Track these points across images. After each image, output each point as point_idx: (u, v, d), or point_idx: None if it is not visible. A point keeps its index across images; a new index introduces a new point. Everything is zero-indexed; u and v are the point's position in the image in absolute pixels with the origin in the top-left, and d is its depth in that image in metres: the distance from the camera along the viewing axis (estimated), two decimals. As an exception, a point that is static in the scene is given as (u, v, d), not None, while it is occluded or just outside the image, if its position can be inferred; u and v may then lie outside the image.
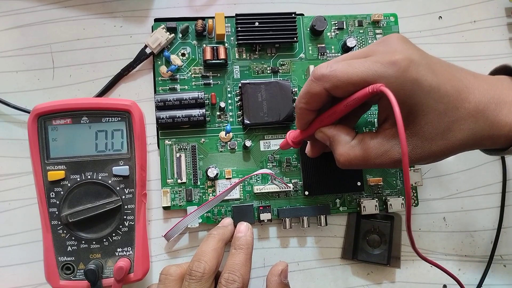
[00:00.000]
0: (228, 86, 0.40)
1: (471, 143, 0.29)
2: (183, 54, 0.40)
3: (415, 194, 0.41)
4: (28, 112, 0.38)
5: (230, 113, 0.40)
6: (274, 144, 0.40)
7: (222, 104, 0.39)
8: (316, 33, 0.41)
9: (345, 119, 0.33)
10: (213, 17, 0.40)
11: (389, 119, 0.30)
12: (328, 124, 0.31)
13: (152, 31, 0.39)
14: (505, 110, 0.29)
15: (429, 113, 0.28)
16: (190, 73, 0.40)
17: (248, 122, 0.39)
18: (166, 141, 0.39)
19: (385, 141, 0.29)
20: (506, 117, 0.29)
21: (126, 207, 0.36)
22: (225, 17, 0.40)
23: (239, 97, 0.40)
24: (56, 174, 0.35)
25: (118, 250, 0.36)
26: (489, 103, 0.29)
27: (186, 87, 0.40)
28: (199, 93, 0.38)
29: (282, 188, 0.39)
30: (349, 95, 0.29)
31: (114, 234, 0.36)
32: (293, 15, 0.40)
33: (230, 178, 0.39)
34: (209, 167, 0.38)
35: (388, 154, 0.29)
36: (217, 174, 0.38)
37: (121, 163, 0.36)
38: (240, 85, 0.39)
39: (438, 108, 0.28)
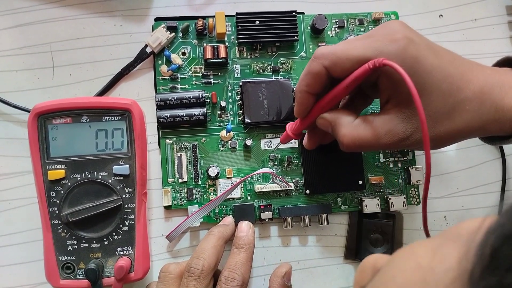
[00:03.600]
0: (229, 85, 0.40)
1: (477, 127, 0.29)
2: (183, 53, 0.40)
3: (416, 193, 0.41)
4: (28, 111, 0.38)
5: (231, 112, 0.40)
6: (274, 143, 0.40)
7: (223, 103, 0.39)
8: (316, 32, 0.41)
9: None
10: (214, 16, 0.40)
11: (392, 99, 0.29)
12: (328, 109, 0.31)
13: (153, 30, 0.39)
14: (511, 94, 0.29)
15: (432, 93, 0.27)
16: (191, 72, 0.40)
17: (249, 121, 0.39)
18: (167, 140, 0.39)
19: (389, 120, 0.29)
20: (511, 101, 0.28)
21: (126, 206, 0.36)
22: (226, 16, 0.40)
23: (239, 96, 0.40)
24: (56, 173, 0.35)
25: (119, 249, 0.35)
26: (494, 86, 0.28)
27: (186, 86, 0.40)
28: (199, 92, 0.38)
29: (283, 187, 0.39)
30: (349, 74, 0.28)
31: (114, 234, 0.35)
32: (294, 13, 0.40)
33: (231, 177, 0.39)
34: (210, 166, 0.38)
35: (393, 132, 0.29)
36: (218, 173, 0.38)
37: (122, 162, 0.36)
38: (240, 84, 0.39)
39: (441, 88, 0.27)
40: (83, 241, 0.35)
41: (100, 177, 0.35)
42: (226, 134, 0.39)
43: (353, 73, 0.28)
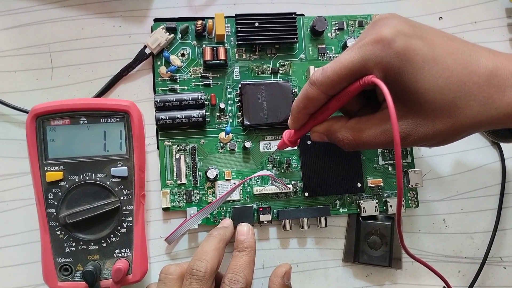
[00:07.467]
0: (228, 86, 0.40)
1: (486, 122, 0.26)
2: (182, 55, 0.40)
3: (415, 196, 0.41)
4: (26, 112, 0.37)
5: (230, 114, 0.40)
6: (274, 145, 0.40)
7: (222, 105, 0.39)
8: (316, 34, 0.41)
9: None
10: (213, 17, 0.39)
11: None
12: (322, 121, 0.31)
13: (152, 31, 0.39)
14: None
15: (428, 90, 0.26)
16: (190, 73, 0.40)
17: (248, 123, 0.39)
18: (166, 142, 0.39)
19: (384, 120, 0.28)
20: None
21: (124, 208, 0.35)
22: (225, 17, 0.40)
23: (239, 98, 0.39)
24: (54, 175, 0.35)
25: (117, 251, 0.35)
26: (507, 78, 0.26)
27: (185, 87, 0.40)
28: (198, 94, 0.38)
29: (282, 189, 0.39)
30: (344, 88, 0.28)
31: (112, 235, 0.35)
32: (293, 15, 0.40)
33: (229, 179, 0.39)
34: (209, 168, 0.38)
35: (388, 132, 0.28)
36: (216, 175, 0.38)
37: (120, 164, 0.36)
38: (240, 85, 0.39)
39: (438, 84, 0.26)
40: (81, 243, 0.35)
41: (98, 179, 0.35)
42: (225, 136, 0.39)
43: (345, 89, 0.28)
